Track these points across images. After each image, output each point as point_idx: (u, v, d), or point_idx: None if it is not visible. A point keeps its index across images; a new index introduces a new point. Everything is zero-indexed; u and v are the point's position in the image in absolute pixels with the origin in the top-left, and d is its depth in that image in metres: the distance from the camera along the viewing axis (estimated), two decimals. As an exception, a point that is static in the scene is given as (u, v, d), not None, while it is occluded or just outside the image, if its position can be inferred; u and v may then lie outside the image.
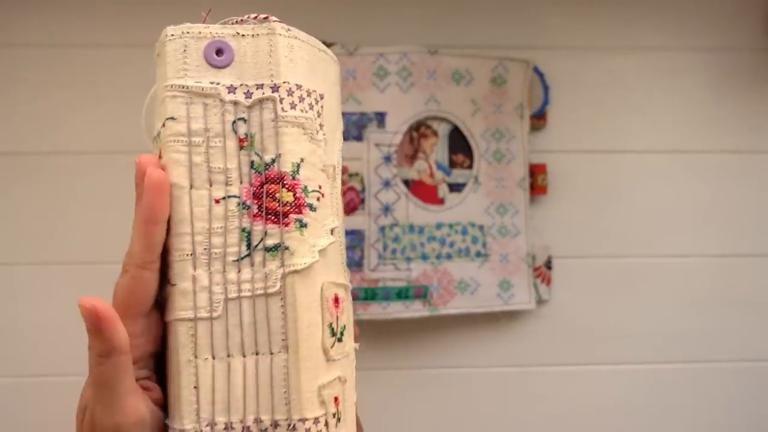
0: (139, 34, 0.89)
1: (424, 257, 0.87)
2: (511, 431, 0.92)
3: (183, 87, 0.29)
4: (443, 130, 0.90)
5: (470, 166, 0.90)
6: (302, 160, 0.30)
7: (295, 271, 0.29)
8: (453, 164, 0.90)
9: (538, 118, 0.93)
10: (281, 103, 0.29)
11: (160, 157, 0.30)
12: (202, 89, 0.29)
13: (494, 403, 0.92)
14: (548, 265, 0.91)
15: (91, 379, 0.28)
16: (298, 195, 0.29)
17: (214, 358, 0.29)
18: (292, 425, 0.29)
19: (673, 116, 0.95)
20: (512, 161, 0.90)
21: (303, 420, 0.29)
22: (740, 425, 0.94)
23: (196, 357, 0.29)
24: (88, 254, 0.88)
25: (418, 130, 0.89)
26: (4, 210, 0.88)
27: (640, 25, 0.95)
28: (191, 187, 0.29)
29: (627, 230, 0.94)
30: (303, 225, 0.30)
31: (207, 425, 0.29)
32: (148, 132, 0.34)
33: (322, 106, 0.31)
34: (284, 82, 0.30)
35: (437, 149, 0.90)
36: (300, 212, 0.30)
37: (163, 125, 0.29)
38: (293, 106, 0.30)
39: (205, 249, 0.29)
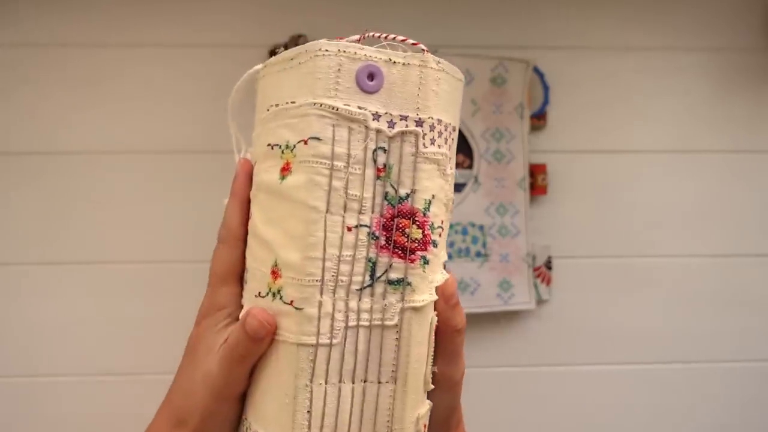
0: (139, 34, 0.89)
1: (424, 257, 0.87)
2: (511, 431, 0.92)
3: (332, 108, 0.29)
4: (443, 130, 0.90)
5: (470, 166, 0.90)
6: (433, 196, 0.30)
7: (414, 308, 0.30)
8: (453, 164, 0.90)
9: (538, 118, 0.93)
10: (423, 138, 0.29)
11: (287, 168, 0.30)
12: (350, 113, 0.29)
13: (494, 403, 0.92)
14: (548, 265, 0.91)
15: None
16: (426, 232, 0.30)
17: (326, 384, 0.29)
18: None
19: (673, 116, 0.95)
20: (512, 161, 0.90)
21: None
22: (740, 425, 0.94)
23: (311, 382, 0.29)
24: (87, 254, 0.88)
25: (418, 130, 0.89)
26: (2, 210, 0.88)
27: (640, 25, 0.95)
28: (327, 211, 0.29)
29: (627, 230, 0.94)
30: (426, 262, 0.30)
31: None
32: (233, 121, 0.35)
33: (453, 139, 0.31)
34: (429, 117, 0.30)
35: (437, 149, 0.90)
36: (425, 249, 0.30)
37: (305, 143, 0.29)
38: (433, 142, 0.30)
39: (332, 276, 0.29)
